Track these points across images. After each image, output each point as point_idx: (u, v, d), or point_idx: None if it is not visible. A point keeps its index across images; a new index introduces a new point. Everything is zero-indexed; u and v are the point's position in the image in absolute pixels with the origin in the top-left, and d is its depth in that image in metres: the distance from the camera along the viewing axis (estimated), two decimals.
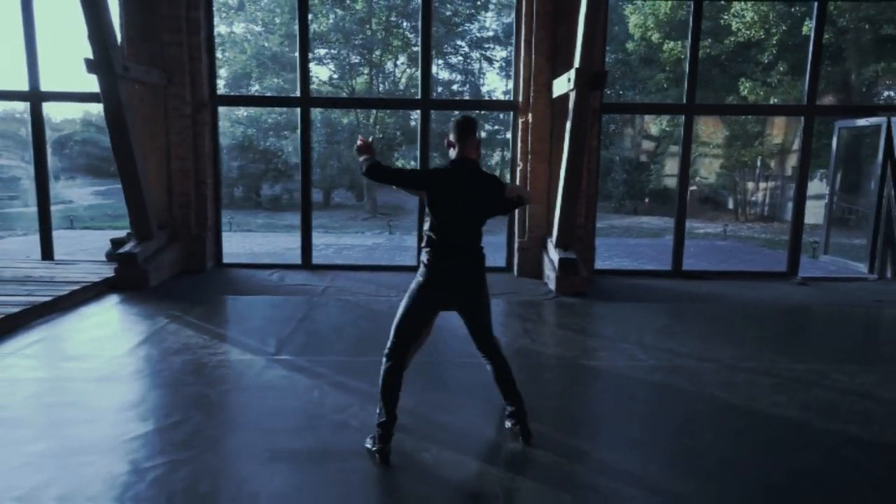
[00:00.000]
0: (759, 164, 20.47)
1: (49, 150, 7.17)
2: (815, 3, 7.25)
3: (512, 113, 7.44)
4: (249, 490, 2.54)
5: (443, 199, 2.82)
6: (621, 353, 4.50)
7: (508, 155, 27.93)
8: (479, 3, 19.09)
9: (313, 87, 20.80)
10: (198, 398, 3.51)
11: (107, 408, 3.38)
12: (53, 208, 7.49)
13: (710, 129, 20.94)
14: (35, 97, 7.09)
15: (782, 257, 10.01)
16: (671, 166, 23.07)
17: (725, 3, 15.14)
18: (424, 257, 2.87)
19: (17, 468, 2.68)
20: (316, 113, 18.80)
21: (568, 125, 6.22)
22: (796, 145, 21.30)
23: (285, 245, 11.45)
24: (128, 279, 6.19)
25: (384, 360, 2.90)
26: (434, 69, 22.21)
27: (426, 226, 2.88)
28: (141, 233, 6.50)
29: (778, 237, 15.44)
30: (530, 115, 7.06)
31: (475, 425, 3.23)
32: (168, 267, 6.80)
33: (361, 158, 2.93)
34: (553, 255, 6.75)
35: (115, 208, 19.77)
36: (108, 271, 6.43)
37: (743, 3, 15.37)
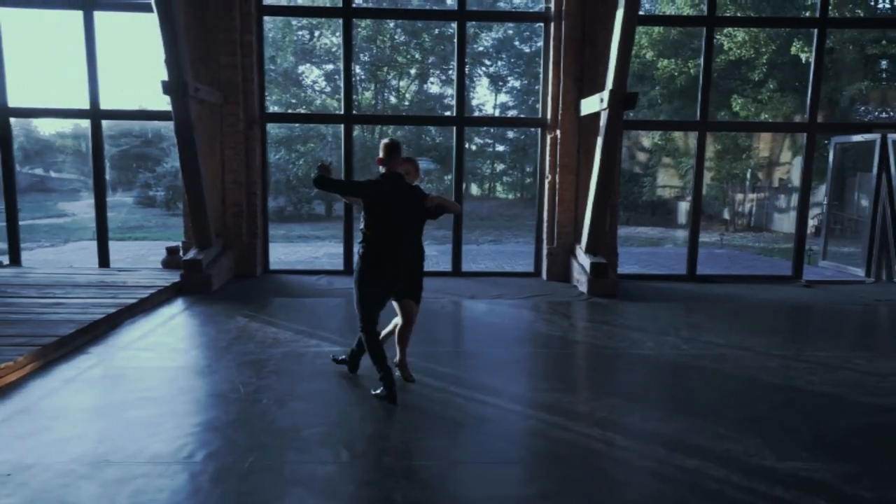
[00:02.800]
0: (748, 176, 21.37)
1: (108, 165, 7.58)
2: (815, 31, 7.99)
3: (539, 129, 8.02)
4: (404, 441, 3.04)
5: (375, 205, 3.64)
6: (665, 344, 5.06)
7: (501, 166, 28.22)
8: (482, 24, 19.82)
9: (318, 102, 21.34)
10: (313, 380, 3.99)
11: (236, 390, 3.82)
12: (59, 220, 7.90)
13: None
14: (95, 115, 7.53)
15: (780, 264, 10.78)
16: (663, 178, 23.95)
17: (731, 28, 15.94)
18: (359, 249, 3.68)
19: (193, 434, 3.13)
20: (328, 128, 19.30)
21: (599, 141, 6.82)
22: (783, 158, 22.35)
23: (310, 254, 11.89)
24: (193, 283, 6.63)
25: (363, 335, 3.71)
26: (426, 85, 22.89)
27: (362, 225, 3.68)
28: (202, 241, 6.94)
29: (771, 245, 16.21)
30: (558, 131, 7.66)
31: (563, 399, 3.76)
32: (225, 272, 7.25)
33: (315, 175, 3.71)
34: (583, 259, 7.32)
35: (124, 220, 19.99)
36: (170, 277, 6.86)
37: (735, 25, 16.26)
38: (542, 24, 7.91)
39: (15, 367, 3.86)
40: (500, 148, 27.61)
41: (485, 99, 29.59)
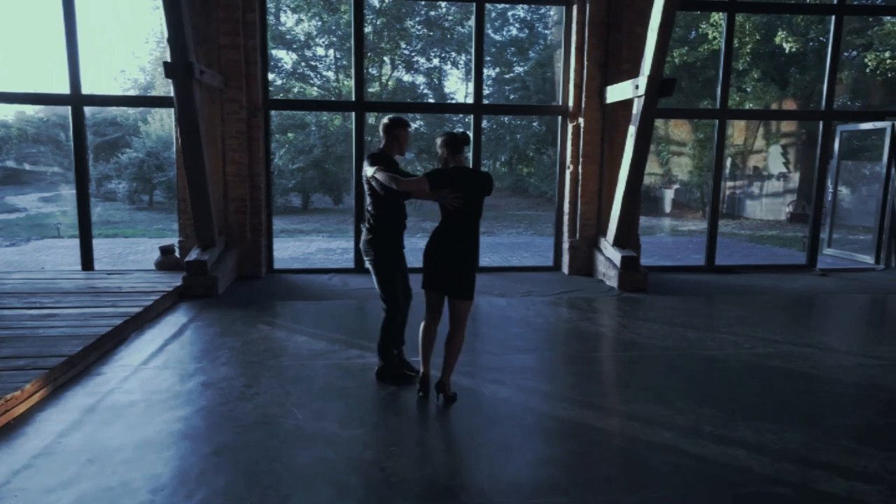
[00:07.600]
0: (728, 164, 21.60)
1: (91, 156, 6.87)
2: (833, 17, 7.85)
3: (560, 117, 7.65)
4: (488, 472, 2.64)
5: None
6: (725, 343, 4.78)
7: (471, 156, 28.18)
8: (462, 13, 19.27)
9: (299, 90, 20.47)
10: (376, 399, 3.54)
11: (291, 414, 3.34)
12: (9, 217, 7.17)
13: (682, 132, 21.94)
14: (76, 101, 6.79)
15: (777, 252, 10.84)
16: (646, 167, 24.03)
17: (719, 17, 15.77)
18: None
19: (259, 474, 2.65)
20: (312, 117, 18.50)
21: (632, 129, 6.50)
22: (756, 146, 22.67)
23: (301, 250, 11.28)
24: (198, 287, 6.03)
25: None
26: (398, 73, 22.24)
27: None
28: (205, 240, 6.33)
29: (756, 233, 16.35)
30: (581, 119, 7.31)
31: (660, 412, 3.42)
32: (229, 274, 6.65)
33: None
34: (611, 253, 7.01)
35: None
36: (168, 280, 6.24)
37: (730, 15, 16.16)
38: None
39: (23, 397, 3.28)
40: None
41: (456, 88, 29.13)
